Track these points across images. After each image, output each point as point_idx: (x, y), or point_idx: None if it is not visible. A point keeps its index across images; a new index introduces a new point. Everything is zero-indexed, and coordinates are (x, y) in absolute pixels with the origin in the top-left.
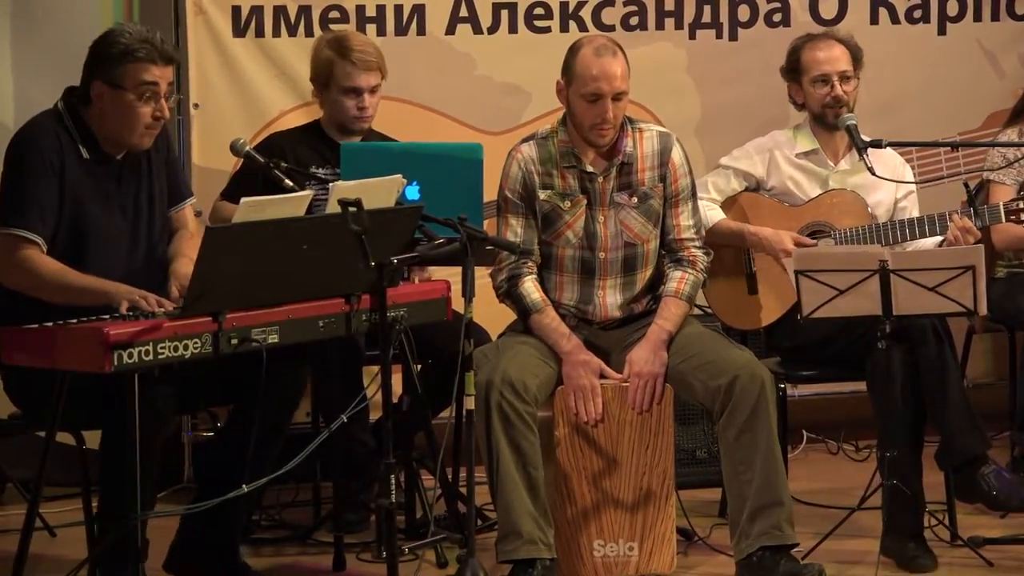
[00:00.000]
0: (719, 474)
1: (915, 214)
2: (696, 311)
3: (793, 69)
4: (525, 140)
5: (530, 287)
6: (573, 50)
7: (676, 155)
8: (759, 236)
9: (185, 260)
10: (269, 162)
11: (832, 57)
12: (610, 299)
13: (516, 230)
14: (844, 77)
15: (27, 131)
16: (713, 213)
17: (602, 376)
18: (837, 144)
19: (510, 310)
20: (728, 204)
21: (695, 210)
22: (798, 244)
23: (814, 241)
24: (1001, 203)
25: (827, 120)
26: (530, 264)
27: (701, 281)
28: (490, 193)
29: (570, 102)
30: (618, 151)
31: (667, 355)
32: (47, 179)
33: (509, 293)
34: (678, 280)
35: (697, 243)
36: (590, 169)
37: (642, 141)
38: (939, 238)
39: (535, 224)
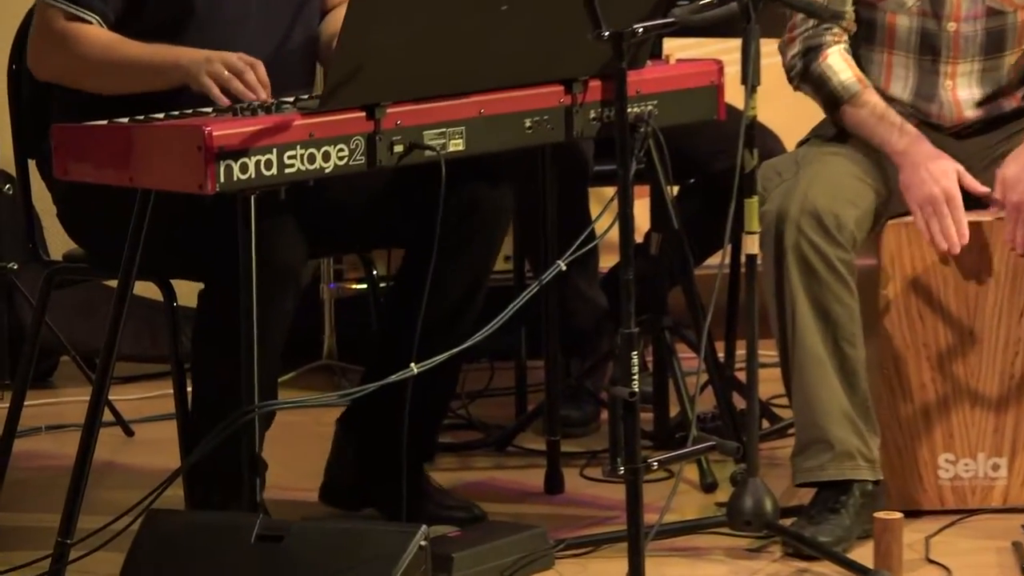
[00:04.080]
0: None
1: None
2: None
3: None
4: None
5: (838, 62)
6: None
7: None
8: None
9: None
10: None
11: None
12: (963, 93)
13: None
14: None
15: None
16: None
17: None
18: None
19: (814, 106)
20: None
21: None
22: None
23: None
24: None
25: None
26: (836, 32)
27: None
28: None
29: None
30: None
31: None
32: None
33: (807, 73)
34: None
35: None
36: None
37: None
38: None
39: None
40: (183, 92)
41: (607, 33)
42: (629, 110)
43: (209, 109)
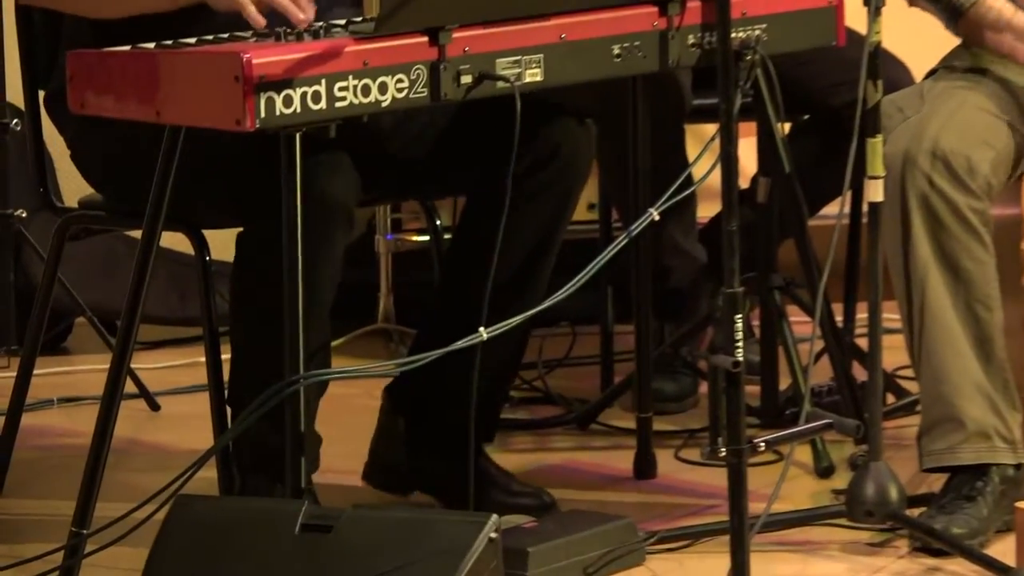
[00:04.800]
0: None
1: None
2: None
3: None
4: None
5: None
6: None
7: None
8: None
9: None
10: None
11: None
12: None
13: None
14: None
15: None
16: None
17: None
18: None
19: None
20: None
21: None
22: None
23: None
24: None
25: None
26: None
27: None
28: None
29: None
30: None
31: None
32: None
33: None
34: None
35: None
36: None
37: None
38: None
39: None
40: (202, 12)
41: None
42: (733, 35)
43: (247, 33)
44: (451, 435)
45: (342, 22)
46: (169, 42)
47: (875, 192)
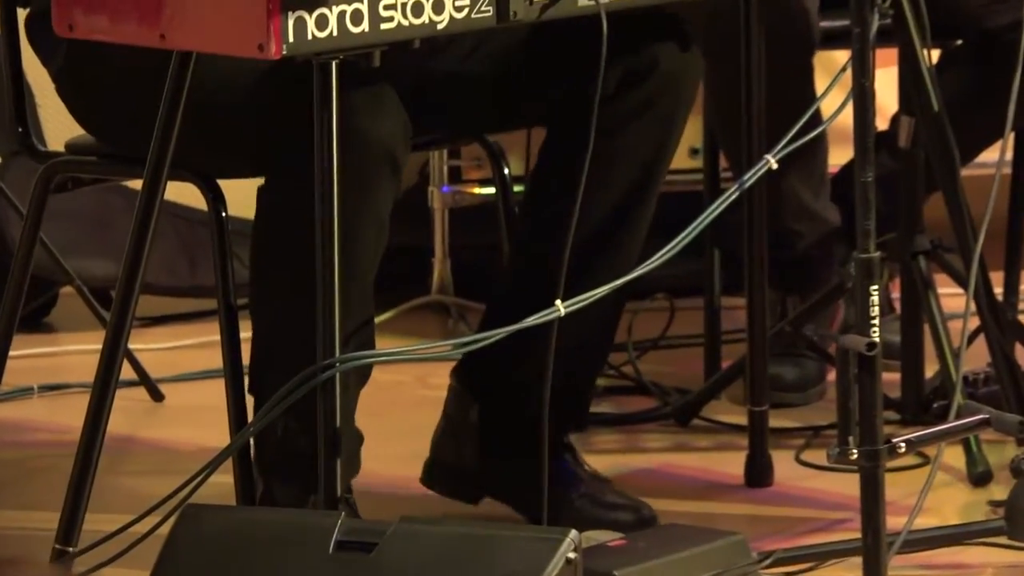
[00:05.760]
0: None
1: None
2: None
3: None
4: None
5: None
6: None
7: None
8: None
9: None
10: None
11: None
12: None
13: None
14: None
15: None
16: None
17: None
18: None
19: None
20: None
21: None
22: None
23: None
24: None
25: None
26: None
27: None
28: None
29: None
30: None
31: None
32: None
33: None
34: None
35: None
36: None
37: None
38: None
39: None
40: None
41: None
42: None
43: None
44: (531, 429)
45: None
46: None
47: None
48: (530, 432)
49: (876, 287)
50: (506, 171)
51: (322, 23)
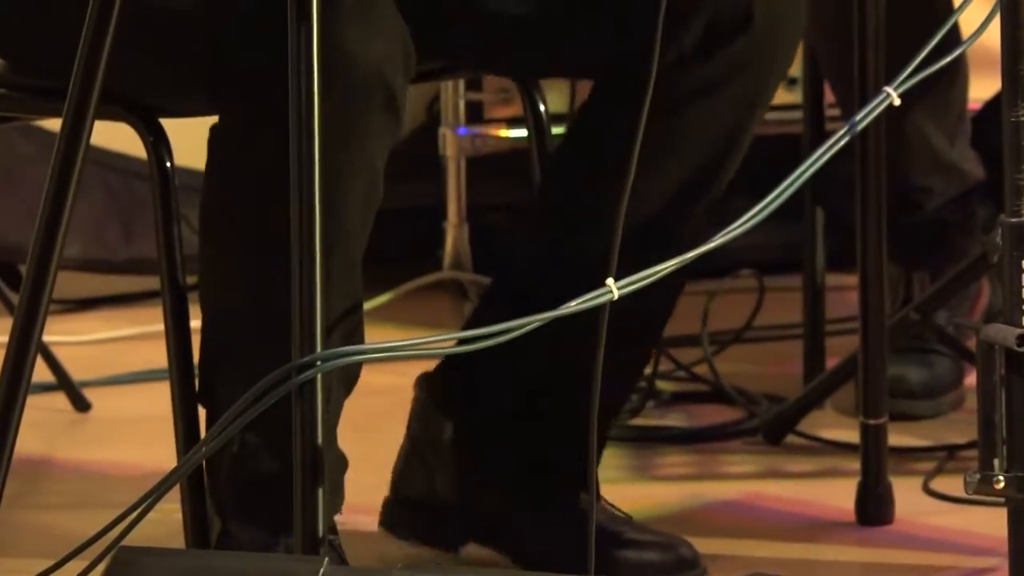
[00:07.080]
0: None
1: None
2: None
3: None
4: None
5: None
6: None
7: None
8: None
9: None
10: None
11: None
12: None
13: None
14: None
15: None
16: None
17: None
18: None
19: None
20: None
21: None
22: None
23: None
24: None
25: None
26: None
27: None
28: None
29: None
30: None
31: None
32: None
33: None
34: None
35: None
36: None
37: None
38: None
39: None
40: None
41: None
42: None
43: None
44: (529, 453)
45: None
46: None
47: None
48: (527, 457)
49: None
50: (542, 108)
51: None
